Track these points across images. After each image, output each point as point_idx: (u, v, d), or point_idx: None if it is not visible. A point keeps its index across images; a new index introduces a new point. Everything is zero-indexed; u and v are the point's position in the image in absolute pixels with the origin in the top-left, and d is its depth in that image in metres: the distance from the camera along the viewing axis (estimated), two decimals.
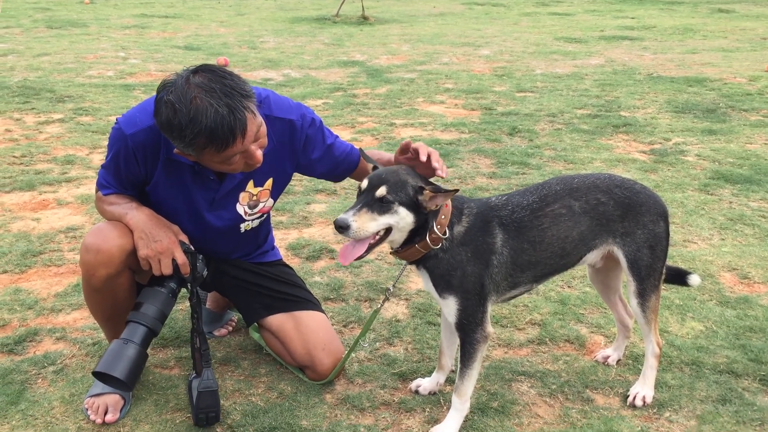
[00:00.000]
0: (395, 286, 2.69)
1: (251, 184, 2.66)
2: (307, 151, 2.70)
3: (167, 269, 2.44)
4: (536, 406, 2.66)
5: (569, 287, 3.58)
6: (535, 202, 2.47)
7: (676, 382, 2.78)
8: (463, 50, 12.01)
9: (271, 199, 2.78)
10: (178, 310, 3.32)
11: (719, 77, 9.11)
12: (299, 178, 4.45)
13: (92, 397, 2.61)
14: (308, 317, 2.85)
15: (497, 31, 14.69)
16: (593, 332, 3.17)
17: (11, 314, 3.30)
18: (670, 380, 2.78)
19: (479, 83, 9.09)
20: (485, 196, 4.03)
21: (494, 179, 5.27)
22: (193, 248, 2.51)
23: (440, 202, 2.30)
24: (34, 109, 7.48)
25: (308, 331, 2.80)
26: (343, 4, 16.72)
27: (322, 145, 2.72)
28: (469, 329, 2.41)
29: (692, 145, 6.18)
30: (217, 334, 3.18)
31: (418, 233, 2.33)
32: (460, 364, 2.47)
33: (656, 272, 2.55)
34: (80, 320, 3.26)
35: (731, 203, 4.74)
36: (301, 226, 4.43)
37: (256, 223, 2.81)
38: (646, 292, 2.54)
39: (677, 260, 3.80)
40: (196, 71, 2.26)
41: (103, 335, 2.96)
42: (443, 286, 2.39)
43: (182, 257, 2.45)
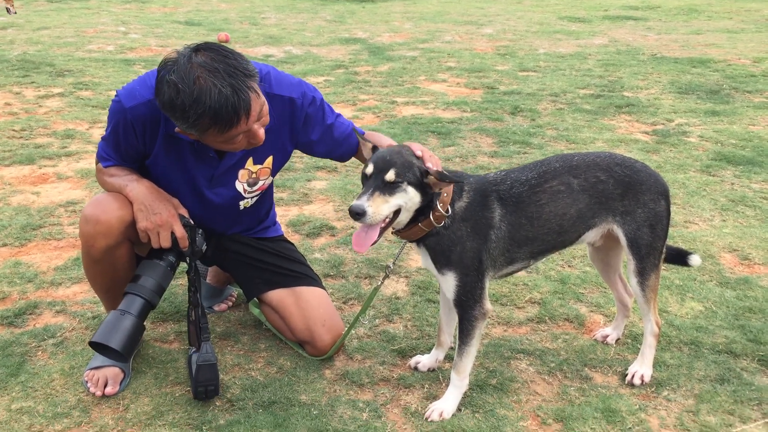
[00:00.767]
0: (395, 263, 2.68)
1: (250, 161, 2.64)
2: (307, 129, 2.68)
3: (166, 242, 2.44)
4: (535, 383, 2.67)
5: (569, 266, 3.58)
6: (533, 178, 2.46)
7: (674, 361, 2.78)
8: (465, 29, 11.92)
9: (270, 176, 2.77)
10: (177, 285, 3.33)
11: (723, 58, 9.05)
12: (300, 155, 4.42)
13: (92, 369, 2.61)
14: (309, 293, 2.85)
15: (500, 9, 14.58)
16: (593, 311, 3.18)
17: (11, 287, 3.30)
18: (668, 359, 2.79)
19: (482, 62, 9.03)
20: None
21: (495, 158, 5.25)
22: (192, 222, 2.50)
23: (444, 186, 2.31)
24: (33, 83, 7.44)
25: (309, 306, 2.80)
26: None
27: (321, 124, 2.69)
28: (467, 306, 2.41)
29: (695, 126, 6.15)
30: (216, 309, 3.19)
31: (422, 212, 2.33)
32: (458, 341, 2.48)
33: (656, 251, 2.54)
34: (80, 294, 3.26)
35: (733, 185, 4.73)
36: (301, 202, 4.42)
37: (255, 200, 2.80)
38: (645, 271, 2.54)
39: (678, 241, 3.80)
40: (197, 49, 2.23)
41: (102, 308, 2.96)
42: (443, 262, 2.39)
43: (181, 231, 2.45)
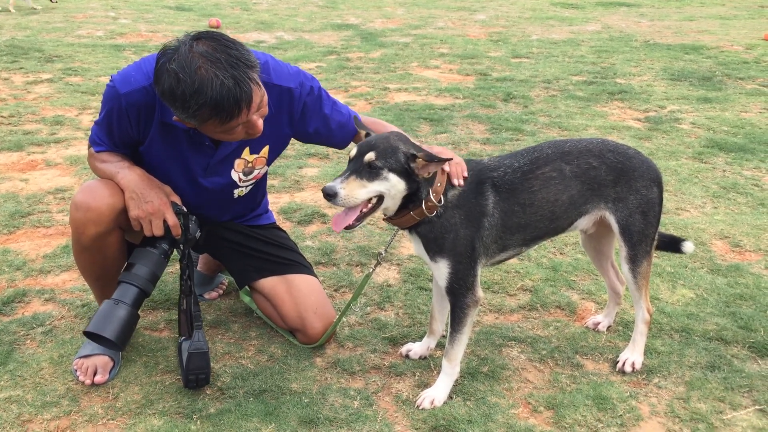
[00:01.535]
0: (387, 251, 2.67)
1: (247, 151, 2.61)
2: (305, 119, 2.64)
3: (158, 230, 2.41)
4: (526, 371, 2.67)
5: (561, 254, 3.58)
6: (526, 164, 2.45)
7: (665, 348, 2.79)
8: (458, 15, 11.87)
9: (266, 165, 2.75)
10: (168, 272, 3.30)
11: (716, 45, 9.04)
12: (291, 142, 4.40)
13: (81, 358, 2.60)
14: (300, 280, 2.83)
15: None
16: (584, 299, 3.18)
17: None
18: (659, 347, 2.79)
19: (474, 48, 8.99)
20: None
21: (488, 145, 5.23)
22: (185, 209, 2.48)
23: (432, 169, 2.27)
24: (22, 68, 7.37)
25: (300, 294, 2.79)
26: None
27: (319, 114, 2.65)
28: (459, 293, 2.40)
29: (687, 113, 6.15)
30: (207, 297, 3.17)
31: (411, 200, 2.30)
32: (450, 328, 2.47)
33: (648, 238, 2.54)
34: (69, 282, 3.24)
35: (725, 171, 4.73)
36: (293, 190, 4.40)
37: (250, 188, 2.78)
38: (637, 257, 2.53)
39: (669, 228, 3.80)
40: (198, 38, 2.19)
41: (92, 297, 2.94)
42: (435, 249, 2.38)
43: (173, 219, 2.42)
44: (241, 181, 2.69)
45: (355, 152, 2.25)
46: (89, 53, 8.22)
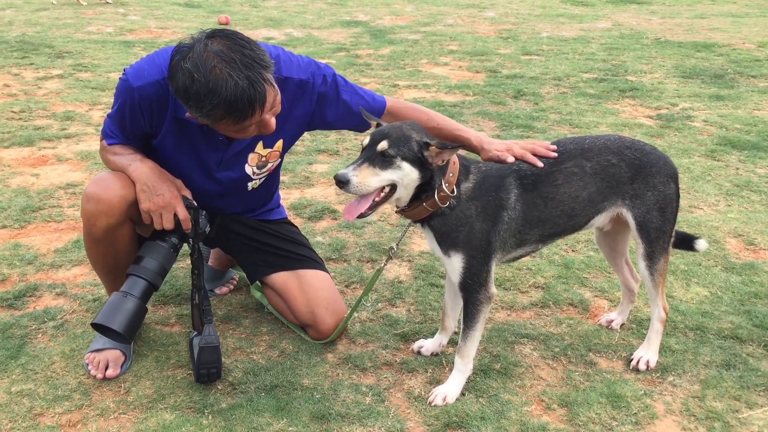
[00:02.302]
0: (398, 246, 2.65)
1: (260, 145, 2.60)
2: (322, 108, 2.61)
3: (168, 224, 2.40)
4: (539, 368, 2.65)
5: (573, 251, 3.55)
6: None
7: (680, 347, 2.76)
8: (468, 12, 11.83)
9: (279, 159, 2.73)
10: (179, 267, 3.30)
11: (728, 43, 8.98)
12: (301, 137, 4.39)
13: (93, 352, 2.59)
14: (312, 276, 2.82)
15: None
16: (597, 296, 3.15)
17: (11, 269, 3.27)
18: (674, 345, 2.77)
19: (484, 45, 8.96)
20: None
21: None
22: (195, 203, 2.46)
23: (446, 157, 2.25)
24: (33, 64, 7.38)
25: (312, 289, 2.77)
26: None
27: (337, 100, 2.61)
28: (472, 289, 2.38)
29: (699, 110, 6.10)
30: (218, 292, 3.16)
31: (424, 190, 2.28)
32: (462, 325, 2.45)
33: (666, 235, 2.51)
34: (80, 276, 3.24)
35: (738, 169, 4.69)
36: (303, 186, 4.38)
37: (263, 180, 2.77)
38: (654, 254, 2.51)
39: (683, 226, 3.76)
40: (212, 36, 2.17)
41: (103, 291, 2.94)
42: (449, 243, 2.35)
43: (184, 212, 2.41)
44: (254, 174, 2.68)
45: (368, 141, 2.23)
46: (99, 49, 8.23)
